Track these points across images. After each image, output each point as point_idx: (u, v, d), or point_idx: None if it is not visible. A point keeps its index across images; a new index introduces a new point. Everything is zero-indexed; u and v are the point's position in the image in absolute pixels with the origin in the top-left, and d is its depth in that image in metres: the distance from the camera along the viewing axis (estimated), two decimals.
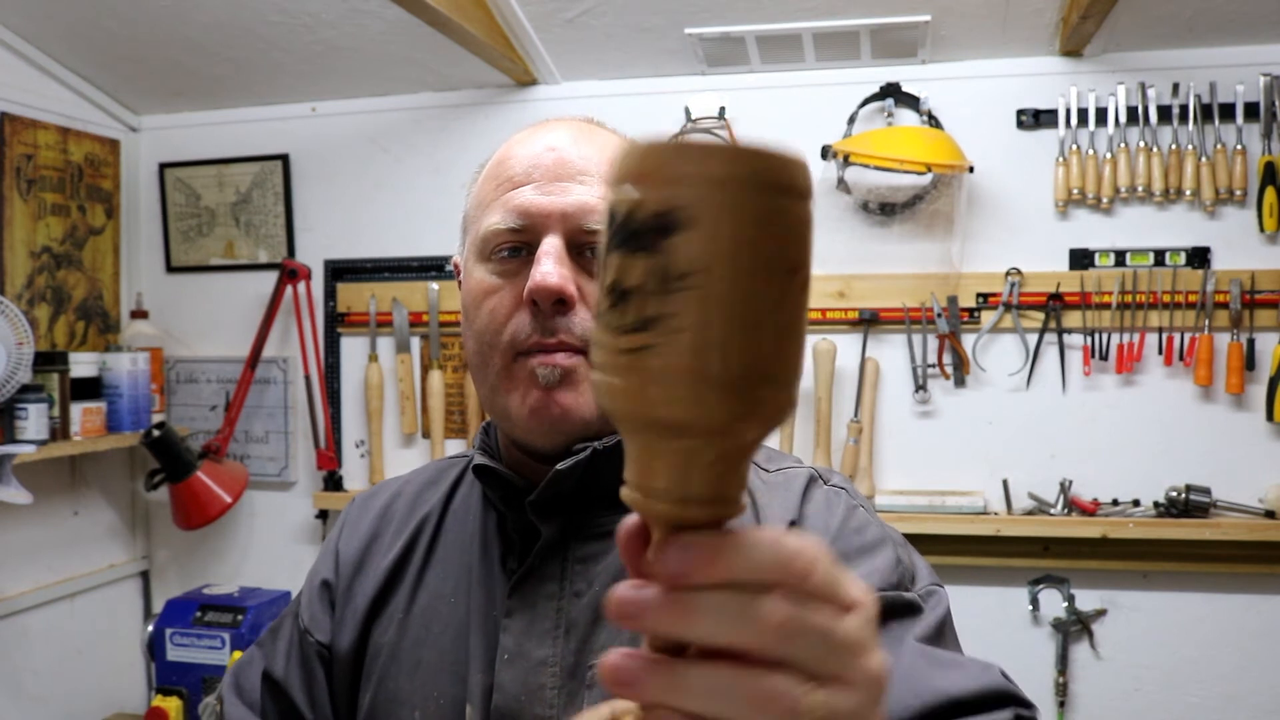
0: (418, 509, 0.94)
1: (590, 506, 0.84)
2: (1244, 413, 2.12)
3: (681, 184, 0.36)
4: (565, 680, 0.80)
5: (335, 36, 2.24)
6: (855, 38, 2.14)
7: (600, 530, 0.84)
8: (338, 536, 0.96)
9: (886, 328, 2.26)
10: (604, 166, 0.84)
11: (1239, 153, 2.09)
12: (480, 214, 0.86)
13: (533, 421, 0.81)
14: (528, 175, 0.83)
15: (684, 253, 0.36)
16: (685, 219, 0.36)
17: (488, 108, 2.45)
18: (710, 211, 0.36)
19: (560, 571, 0.83)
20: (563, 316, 0.80)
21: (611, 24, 2.16)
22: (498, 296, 0.83)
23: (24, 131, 2.30)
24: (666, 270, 0.36)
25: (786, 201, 0.37)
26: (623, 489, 0.41)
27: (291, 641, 0.92)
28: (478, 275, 0.85)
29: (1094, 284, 2.15)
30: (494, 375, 0.83)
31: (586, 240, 0.81)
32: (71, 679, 2.43)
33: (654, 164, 0.37)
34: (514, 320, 0.81)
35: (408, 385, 2.48)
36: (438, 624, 0.86)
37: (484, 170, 0.90)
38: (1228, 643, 2.13)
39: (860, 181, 2.21)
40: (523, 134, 0.89)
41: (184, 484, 2.34)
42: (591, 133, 0.88)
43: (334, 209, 2.56)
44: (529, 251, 0.82)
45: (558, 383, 0.80)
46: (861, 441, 2.22)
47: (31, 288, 2.33)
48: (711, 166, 0.36)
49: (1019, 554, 2.18)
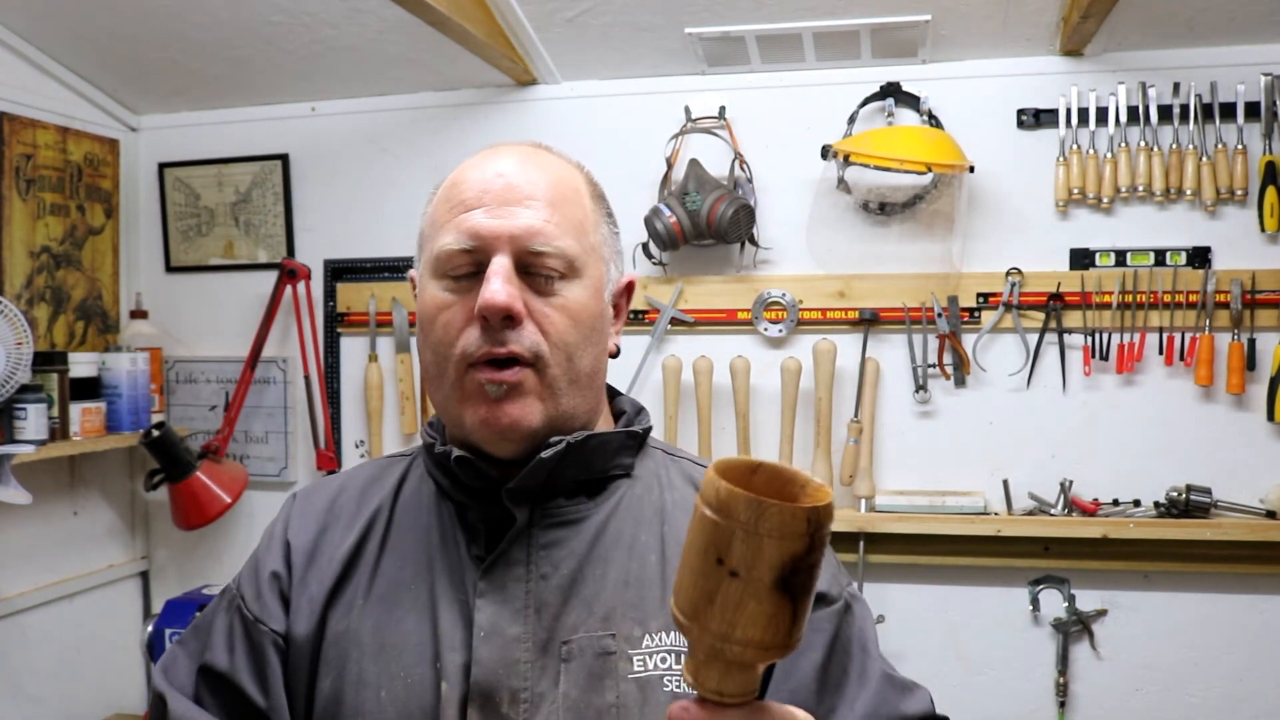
0: (366, 503, 0.99)
1: (553, 496, 0.92)
2: (1244, 413, 2.11)
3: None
4: (538, 655, 0.87)
5: (335, 36, 2.24)
6: (855, 37, 2.14)
7: (562, 518, 0.92)
8: (284, 529, 0.99)
9: (887, 328, 2.26)
10: (548, 190, 0.91)
11: (1240, 152, 2.08)
12: (434, 234, 0.93)
13: (485, 431, 0.89)
14: (479, 199, 0.89)
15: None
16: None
17: (488, 107, 2.45)
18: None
19: (526, 556, 0.90)
20: (512, 330, 0.87)
21: (611, 24, 2.15)
22: (450, 312, 0.90)
23: (23, 131, 2.29)
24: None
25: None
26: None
27: (233, 633, 0.94)
28: (431, 291, 0.91)
29: (1094, 284, 2.15)
30: (448, 386, 0.90)
31: (532, 260, 0.88)
32: (71, 679, 2.43)
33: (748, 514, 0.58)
34: (465, 334, 0.88)
35: (407, 385, 2.48)
36: (399, 609, 0.91)
37: (438, 192, 0.96)
38: (1228, 643, 2.13)
39: (860, 181, 2.21)
40: (475, 159, 0.95)
41: (183, 484, 2.34)
42: (538, 158, 0.95)
43: (334, 209, 2.56)
44: (479, 270, 0.88)
45: (504, 396, 0.88)
46: (862, 441, 2.22)
47: (31, 288, 2.32)
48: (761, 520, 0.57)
49: (1019, 554, 2.18)
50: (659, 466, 1.00)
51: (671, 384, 2.28)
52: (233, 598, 0.97)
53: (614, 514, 0.94)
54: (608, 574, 0.90)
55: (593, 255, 0.93)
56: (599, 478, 0.95)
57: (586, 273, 0.92)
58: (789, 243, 2.28)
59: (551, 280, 0.89)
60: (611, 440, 0.95)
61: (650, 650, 0.88)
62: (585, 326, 0.91)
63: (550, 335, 0.89)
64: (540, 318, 0.88)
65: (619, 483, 0.96)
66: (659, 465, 1.00)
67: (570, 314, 0.90)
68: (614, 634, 0.88)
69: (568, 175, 0.95)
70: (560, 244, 0.89)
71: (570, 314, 0.90)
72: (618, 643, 0.88)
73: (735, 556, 0.57)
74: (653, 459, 1.01)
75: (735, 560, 0.57)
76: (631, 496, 0.96)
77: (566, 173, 0.95)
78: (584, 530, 0.92)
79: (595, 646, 0.87)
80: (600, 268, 0.95)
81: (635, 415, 1.02)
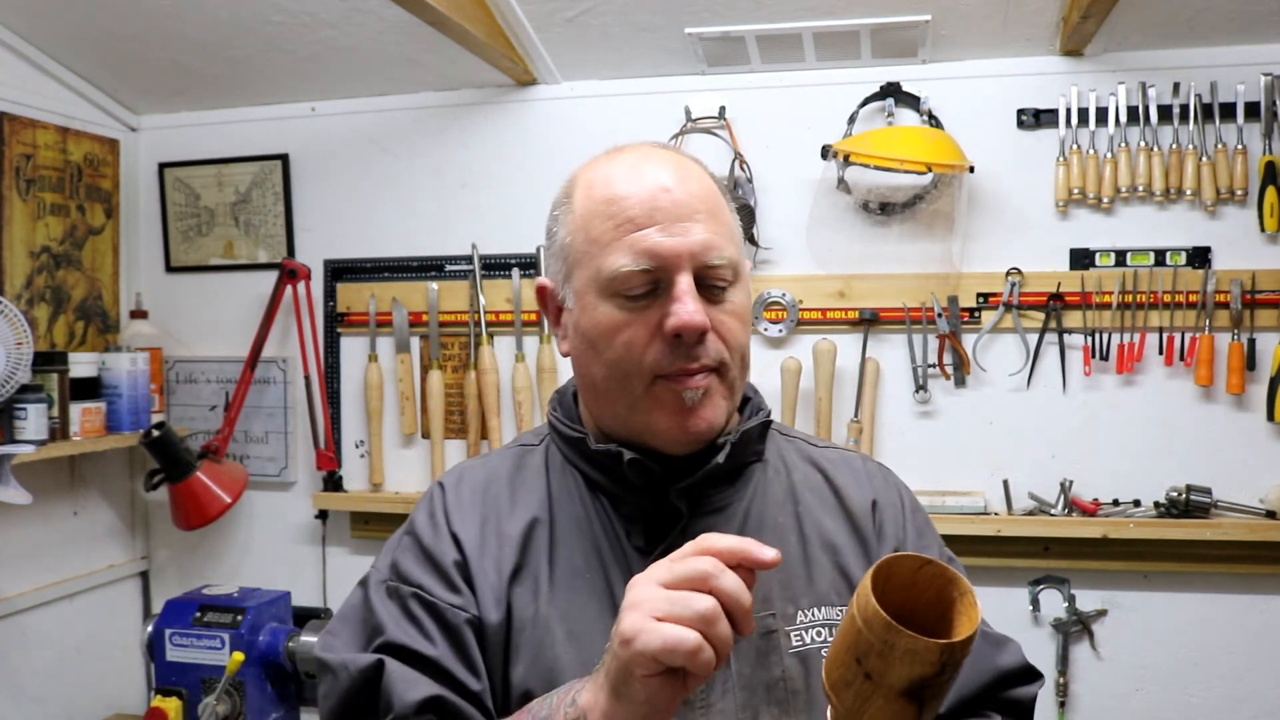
0: (520, 492, 1.02)
1: (704, 487, 0.98)
2: (1244, 413, 2.11)
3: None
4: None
5: (335, 36, 2.24)
6: (855, 37, 2.14)
7: (712, 507, 0.98)
8: (446, 520, 0.99)
9: (887, 328, 2.26)
10: (707, 201, 0.95)
11: (1240, 152, 2.08)
12: (598, 251, 0.94)
13: (682, 436, 0.93)
14: (650, 217, 0.92)
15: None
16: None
17: (488, 107, 2.45)
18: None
19: (685, 543, 0.92)
20: (700, 345, 0.92)
21: (611, 23, 2.15)
22: (632, 330, 0.92)
23: (23, 131, 2.29)
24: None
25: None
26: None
27: (421, 621, 0.93)
28: (605, 310, 0.94)
29: (1094, 284, 2.14)
30: (634, 397, 0.94)
31: (708, 274, 0.93)
32: (71, 679, 2.43)
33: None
34: (651, 349, 0.92)
35: (407, 385, 2.48)
36: (579, 597, 0.95)
37: (581, 201, 0.97)
38: (1229, 643, 2.13)
39: (860, 181, 2.21)
40: (620, 169, 0.97)
41: (183, 484, 2.34)
42: (685, 167, 0.98)
43: (334, 209, 2.56)
44: (656, 288, 0.92)
45: (699, 401, 0.93)
46: (862, 441, 2.22)
47: (31, 288, 2.32)
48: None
49: (1019, 554, 2.18)
50: (780, 448, 1.07)
51: None
52: (395, 589, 0.96)
53: (754, 499, 1.01)
54: None
55: (742, 255, 0.99)
56: (740, 465, 1.01)
57: (743, 273, 0.98)
58: (789, 243, 2.28)
59: (724, 289, 0.94)
60: (754, 431, 1.02)
61: (805, 625, 0.95)
62: (749, 325, 0.99)
63: (729, 341, 0.94)
64: (719, 325, 0.93)
65: (753, 468, 1.03)
66: (780, 447, 1.08)
67: (739, 317, 0.96)
68: (773, 613, 0.94)
69: (710, 181, 0.99)
70: (728, 254, 0.94)
71: (739, 317, 0.96)
72: (777, 621, 0.94)
73: (871, 664, 0.64)
74: (773, 440, 1.08)
75: (870, 666, 0.64)
76: (764, 480, 1.03)
77: (708, 178, 1.00)
78: (732, 516, 0.98)
79: (760, 626, 0.93)
80: (746, 264, 1.00)
81: (756, 398, 1.07)
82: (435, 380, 2.44)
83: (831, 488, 1.05)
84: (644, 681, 0.73)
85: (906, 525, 1.06)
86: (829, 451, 1.11)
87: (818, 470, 1.07)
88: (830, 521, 1.02)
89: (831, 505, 1.04)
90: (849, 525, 1.03)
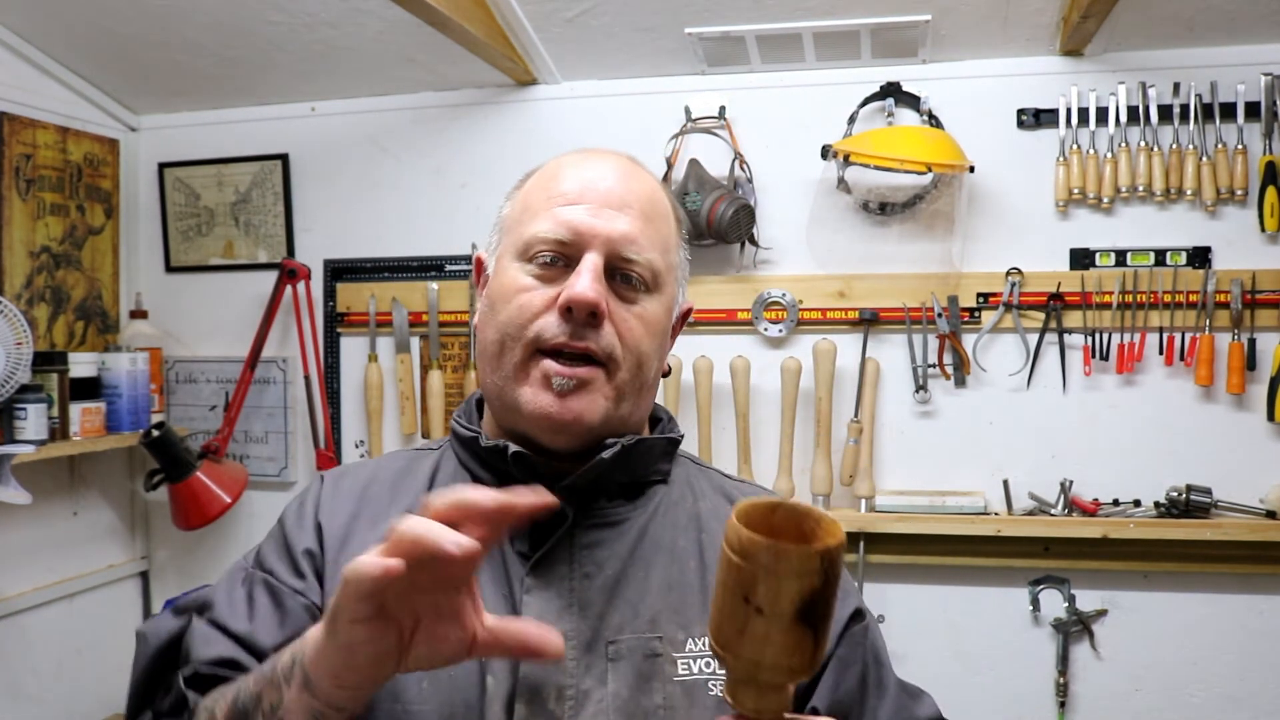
0: (400, 494, 0.98)
1: (597, 496, 0.94)
2: (1245, 413, 2.11)
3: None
4: (583, 653, 0.87)
5: (335, 36, 2.24)
6: (855, 37, 2.14)
7: (605, 520, 0.94)
8: (315, 510, 0.97)
9: (887, 328, 2.26)
10: (645, 204, 0.94)
11: (1240, 152, 2.08)
12: (526, 218, 0.94)
13: (544, 422, 0.89)
14: (580, 195, 0.92)
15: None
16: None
17: (488, 107, 2.45)
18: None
19: (570, 555, 0.91)
20: (592, 329, 0.89)
21: (611, 24, 2.15)
22: (530, 294, 0.90)
23: (23, 131, 2.29)
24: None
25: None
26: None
27: (254, 601, 0.92)
28: (513, 273, 0.92)
29: (1094, 284, 2.14)
30: (510, 366, 0.91)
31: (620, 266, 0.91)
32: (71, 679, 2.43)
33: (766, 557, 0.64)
34: (542, 319, 0.89)
35: (407, 385, 2.48)
36: None
37: (530, 180, 0.99)
38: (1229, 643, 2.13)
39: (860, 181, 2.21)
40: (575, 156, 0.98)
41: (183, 484, 2.34)
42: (636, 172, 0.98)
43: (334, 209, 2.56)
44: (567, 263, 0.91)
45: (570, 390, 0.89)
46: (862, 441, 2.22)
47: (30, 288, 2.32)
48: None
49: (1020, 554, 2.18)
50: (689, 475, 1.03)
51: (671, 384, 2.27)
52: (249, 575, 0.95)
53: (653, 518, 0.96)
54: (650, 577, 0.92)
55: (670, 274, 0.97)
56: (639, 481, 0.98)
57: (664, 289, 0.95)
58: (789, 243, 2.28)
59: (635, 289, 0.92)
60: (656, 446, 0.98)
61: (694, 654, 0.90)
62: (656, 339, 0.95)
63: (626, 340, 0.91)
64: (619, 322, 0.91)
65: (656, 488, 0.99)
66: (689, 474, 1.04)
67: (646, 324, 0.93)
68: (660, 636, 0.89)
69: (660, 195, 0.99)
70: (649, 256, 0.92)
71: (646, 324, 0.93)
72: (663, 645, 0.89)
73: (760, 595, 0.63)
74: (683, 467, 1.04)
75: (760, 598, 0.63)
76: (668, 502, 0.98)
77: (660, 193, 0.99)
78: (626, 533, 0.94)
79: (643, 648, 0.89)
80: (674, 288, 0.98)
81: (669, 422, 1.05)
82: (435, 380, 2.44)
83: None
84: (351, 626, 0.67)
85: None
86: (744, 486, 1.07)
87: (728, 502, 1.02)
88: None
89: None
90: None
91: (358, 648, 0.68)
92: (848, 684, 0.92)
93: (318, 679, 0.71)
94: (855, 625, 0.95)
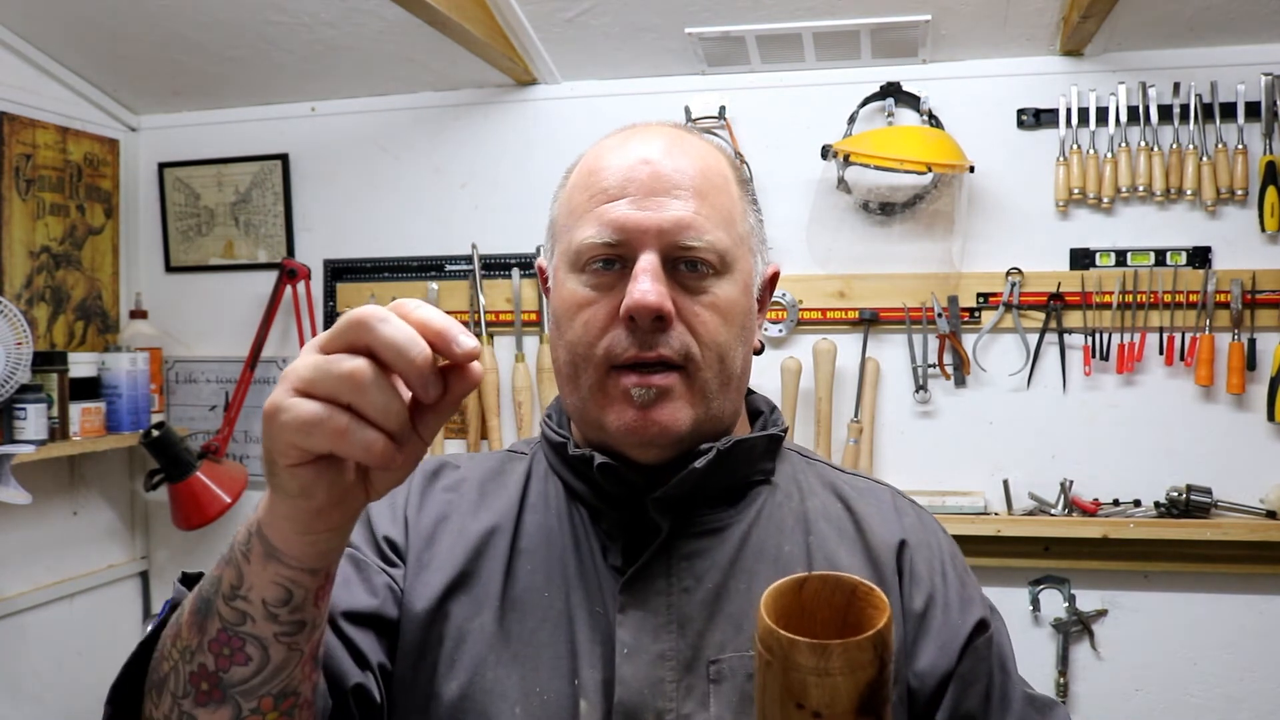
0: (489, 498, 0.92)
1: (695, 505, 0.87)
2: (1245, 413, 2.11)
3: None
4: (683, 674, 0.81)
5: (335, 36, 2.24)
6: (855, 37, 2.14)
7: (704, 528, 0.87)
8: (404, 504, 0.91)
9: (887, 328, 2.26)
10: (697, 179, 0.84)
11: (1240, 152, 2.08)
12: (572, 223, 0.87)
13: (631, 438, 0.83)
14: (622, 189, 0.83)
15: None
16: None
17: (488, 107, 2.45)
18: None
19: (667, 568, 0.85)
20: (661, 333, 0.81)
21: (611, 24, 2.15)
22: (592, 309, 0.84)
23: (23, 131, 2.29)
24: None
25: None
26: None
27: (344, 574, 0.84)
28: (571, 286, 0.85)
29: (1095, 284, 2.14)
30: (587, 388, 0.84)
31: (681, 256, 0.83)
32: (71, 679, 2.43)
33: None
34: (609, 334, 0.82)
35: None
36: (532, 618, 0.84)
37: (572, 176, 0.91)
38: (1229, 643, 2.13)
39: (860, 181, 2.21)
40: (613, 140, 0.90)
41: (183, 484, 2.34)
42: (683, 142, 0.88)
43: (334, 209, 2.56)
44: (623, 265, 0.83)
45: (653, 401, 0.82)
46: (862, 441, 2.22)
47: (30, 287, 2.32)
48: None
49: (1020, 554, 2.18)
50: (796, 470, 0.96)
51: None
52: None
53: (756, 523, 0.89)
54: (753, 589, 0.84)
55: (742, 247, 0.88)
56: (740, 484, 0.91)
57: (737, 267, 0.87)
58: (789, 243, 2.28)
59: (703, 276, 0.84)
60: (756, 445, 0.91)
61: None
62: (736, 325, 0.87)
63: (701, 336, 0.83)
64: (690, 317, 0.83)
65: (759, 489, 0.91)
66: (796, 469, 0.96)
67: (721, 312, 0.84)
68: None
69: (715, 161, 0.89)
70: (711, 237, 0.83)
71: (721, 312, 0.84)
72: None
73: (814, 700, 0.57)
74: (789, 462, 0.96)
75: (815, 703, 0.57)
76: (772, 504, 0.91)
77: (713, 158, 0.89)
78: (727, 541, 0.87)
79: (747, 668, 0.81)
80: (749, 260, 0.90)
81: (771, 415, 0.98)
82: None
83: (853, 519, 0.92)
84: (291, 472, 0.60)
85: (946, 570, 0.91)
86: (856, 480, 0.98)
87: (839, 499, 0.94)
88: (847, 556, 0.88)
89: (851, 538, 0.90)
90: (868, 562, 0.89)
91: (314, 491, 0.60)
92: (968, 704, 0.84)
93: (282, 542, 0.64)
94: (979, 638, 0.87)
